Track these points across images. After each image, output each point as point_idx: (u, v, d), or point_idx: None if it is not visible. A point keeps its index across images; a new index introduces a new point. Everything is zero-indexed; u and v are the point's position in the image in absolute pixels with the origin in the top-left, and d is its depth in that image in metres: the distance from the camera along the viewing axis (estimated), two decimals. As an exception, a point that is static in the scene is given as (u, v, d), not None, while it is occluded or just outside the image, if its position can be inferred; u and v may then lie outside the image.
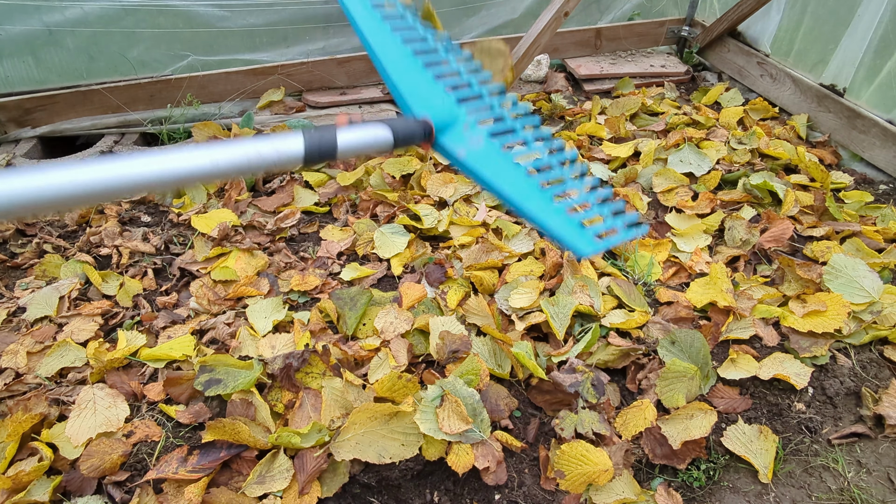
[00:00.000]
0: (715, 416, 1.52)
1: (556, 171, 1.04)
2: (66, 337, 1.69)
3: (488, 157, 1.01)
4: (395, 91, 1.07)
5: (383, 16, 1.18)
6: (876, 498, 1.46)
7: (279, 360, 1.59)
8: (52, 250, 2.04)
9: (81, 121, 2.70)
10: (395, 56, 1.10)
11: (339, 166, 2.52)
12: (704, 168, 2.52)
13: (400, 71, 1.08)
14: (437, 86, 1.08)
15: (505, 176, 0.99)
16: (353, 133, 0.92)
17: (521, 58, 2.78)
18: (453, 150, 1.00)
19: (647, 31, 3.62)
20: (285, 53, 3.04)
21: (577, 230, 0.97)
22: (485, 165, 1.00)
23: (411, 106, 1.03)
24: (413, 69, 1.09)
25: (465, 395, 1.49)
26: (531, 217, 0.98)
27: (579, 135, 2.80)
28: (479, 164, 0.99)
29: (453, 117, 1.03)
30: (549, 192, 1.00)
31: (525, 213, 0.98)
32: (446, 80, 1.10)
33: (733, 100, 3.17)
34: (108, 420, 1.48)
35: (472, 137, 1.02)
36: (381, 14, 1.18)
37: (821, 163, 2.74)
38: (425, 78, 1.09)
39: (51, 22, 2.58)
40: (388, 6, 1.22)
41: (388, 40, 1.13)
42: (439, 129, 1.00)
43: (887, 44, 2.57)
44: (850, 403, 1.68)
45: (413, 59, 1.11)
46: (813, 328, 1.75)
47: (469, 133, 1.02)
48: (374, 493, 1.41)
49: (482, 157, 1.00)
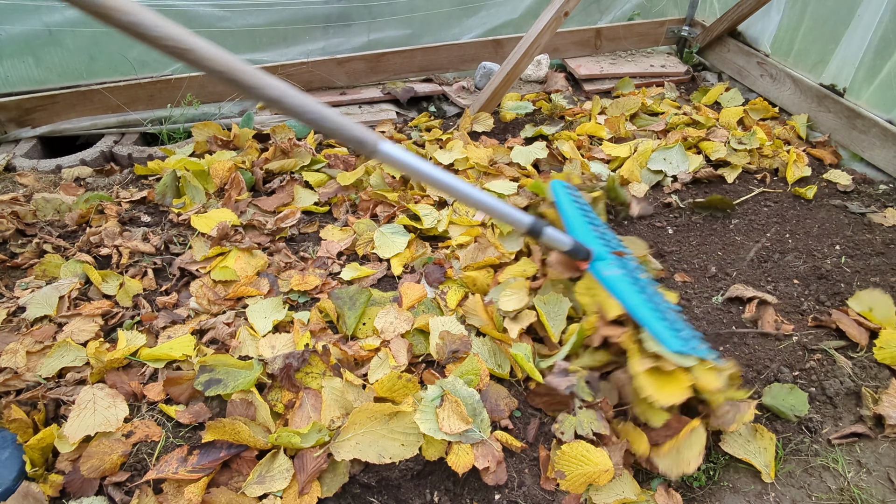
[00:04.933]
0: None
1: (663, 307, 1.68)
2: (66, 337, 1.69)
3: (622, 281, 1.64)
4: (575, 234, 1.80)
5: (576, 200, 1.99)
6: (876, 498, 1.46)
7: (279, 360, 1.59)
8: (52, 250, 2.04)
9: (81, 121, 2.70)
10: (580, 223, 1.85)
11: (340, 166, 2.52)
12: (681, 171, 2.53)
13: (579, 225, 1.84)
14: (597, 239, 1.80)
15: (629, 292, 1.60)
16: (555, 232, 1.62)
17: (521, 58, 2.78)
18: (601, 270, 1.68)
19: (647, 31, 3.62)
20: (285, 53, 3.04)
21: (671, 333, 1.50)
22: (618, 283, 1.63)
23: (587, 243, 1.74)
24: (585, 227, 1.84)
25: (465, 395, 1.49)
26: (640, 317, 1.54)
27: (579, 135, 2.80)
28: (615, 281, 1.64)
29: (603, 256, 1.72)
30: (657, 311, 1.58)
31: (636, 314, 1.55)
32: (604, 240, 1.83)
33: (733, 100, 3.17)
34: (108, 420, 1.48)
35: (612, 269, 1.68)
36: (574, 199, 1.99)
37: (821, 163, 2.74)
38: (591, 234, 1.82)
39: (51, 22, 2.58)
40: (578, 196, 2.04)
41: (575, 214, 1.89)
42: (596, 259, 1.72)
43: (887, 44, 2.57)
44: (850, 403, 1.68)
45: (586, 222, 1.87)
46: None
47: (611, 266, 1.69)
48: (374, 493, 1.41)
49: (618, 280, 1.64)
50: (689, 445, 1.41)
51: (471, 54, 3.28)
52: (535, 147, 2.63)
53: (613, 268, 1.67)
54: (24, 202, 2.20)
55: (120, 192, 2.35)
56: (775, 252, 2.19)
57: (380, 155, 1.29)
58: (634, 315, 1.55)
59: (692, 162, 2.58)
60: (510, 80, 2.85)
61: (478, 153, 2.57)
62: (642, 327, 1.53)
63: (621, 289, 1.61)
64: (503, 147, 2.69)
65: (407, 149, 1.70)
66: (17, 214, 2.13)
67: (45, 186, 2.36)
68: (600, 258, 1.71)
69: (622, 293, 1.60)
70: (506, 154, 2.63)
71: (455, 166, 2.51)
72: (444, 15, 3.26)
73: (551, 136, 2.79)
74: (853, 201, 2.46)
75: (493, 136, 2.87)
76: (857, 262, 2.14)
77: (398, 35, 3.21)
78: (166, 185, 2.31)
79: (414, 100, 3.13)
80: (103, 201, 2.25)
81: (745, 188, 2.53)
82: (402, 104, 3.10)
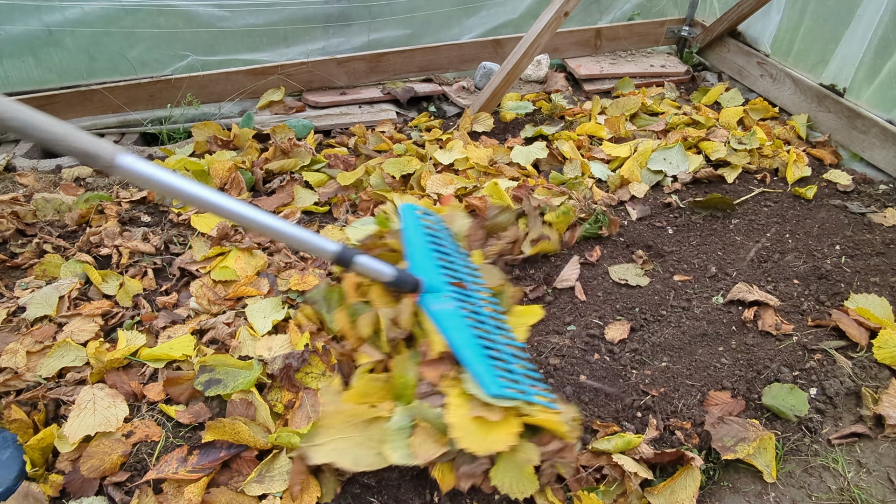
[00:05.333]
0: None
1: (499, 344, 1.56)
2: (66, 337, 1.69)
3: (452, 316, 1.54)
4: (413, 263, 1.66)
5: (425, 227, 1.82)
6: (876, 498, 1.46)
7: (279, 360, 1.59)
8: (52, 250, 2.04)
9: (81, 121, 2.70)
10: (422, 251, 1.70)
11: (340, 166, 2.52)
12: (681, 171, 2.53)
13: (420, 254, 1.69)
14: (438, 269, 1.66)
15: (457, 328, 1.51)
16: (369, 260, 1.46)
17: (521, 58, 2.78)
18: (430, 303, 1.56)
19: (647, 31, 3.62)
20: (285, 53, 3.04)
21: (492, 375, 1.42)
22: (446, 318, 1.53)
23: (417, 272, 1.61)
24: (428, 256, 1.70)
25: (434, 416, 1.39)
26: (462, 356, 1.45)
27: (579, 135, 2.80)
28: (442, 316, 1.54)
29: (438, 288, 1.60)
30: (484, 350, 1.49)
31: (458, 353, 1.46)
32: (447, 269, 1.69)
33: (733, 100, 3.17)
34: (108, 420, 1.48)
35: (445, 302, 1.57)
36: (424, 225, 1.82)
37: (821, 163, 2.74)
38: (433, 263, 1.68)
39: (51, 22, 2.58)
40: (432, 222, 1.87)
41: (420, 241, 1.74)
42: (427, 290, 1.58)
43: (887, 44, 2.57)
44: (850, 403, 1.68)
45: (430, 250, 1.72)
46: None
47: (444, 300, 1.58)
48: (374, 494, 1.41)
49: (447, 315, 1.54)
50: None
51: (471, 54, 3.28)
52: (535, 147, 2.63)
53: (447, 301, 1.57)
54: (24, 202, 2.20)
55: (120, 191, 2.35)
56: (775, 252, 2.19)
57: (119, 170, 1.08)
58: (455, 353, 1.47)
59: (692, 162, 2.58)
60: (510, 80, 2.85)
61: (478, 153, 2.57)
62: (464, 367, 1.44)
63: (447, 325, 1.51)
64: (503, 147, 2.69)
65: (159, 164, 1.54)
66: (17, 214, 2.13)
67: (45, 186, 2.36)
68: (432, 290, 1.58)
69: (447, 329, 1.50)
70: (506, 154, 2.63)
71: (455, 166, 2.52)
72: (444, 15, 3.26)
73: (551, 136, 2.79)
74: (853, 201, 2.46)
75: (493, 136, 2.87)
76: (857, 262, 2.14)
77: (398, 35, 3.21)
78: (166, 185, 2.31)
79: (414, 100, 3.13)
80: (103, 201, 2.25)
81: (745, 188, 2.53)
82: (402, 104, 3.10)
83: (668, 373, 1.70)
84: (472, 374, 1.42)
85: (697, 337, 1.83)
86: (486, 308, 1.67)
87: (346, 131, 2.87)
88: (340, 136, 2.84)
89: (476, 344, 1.50)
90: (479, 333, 1.54)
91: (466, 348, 1.47)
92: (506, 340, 1.60)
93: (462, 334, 1.50)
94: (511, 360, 1.53)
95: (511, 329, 1.68)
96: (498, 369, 1.45)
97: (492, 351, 1.51)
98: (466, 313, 1.58)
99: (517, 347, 1.61)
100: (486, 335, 1.55)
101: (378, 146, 2.68)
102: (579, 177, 2.48)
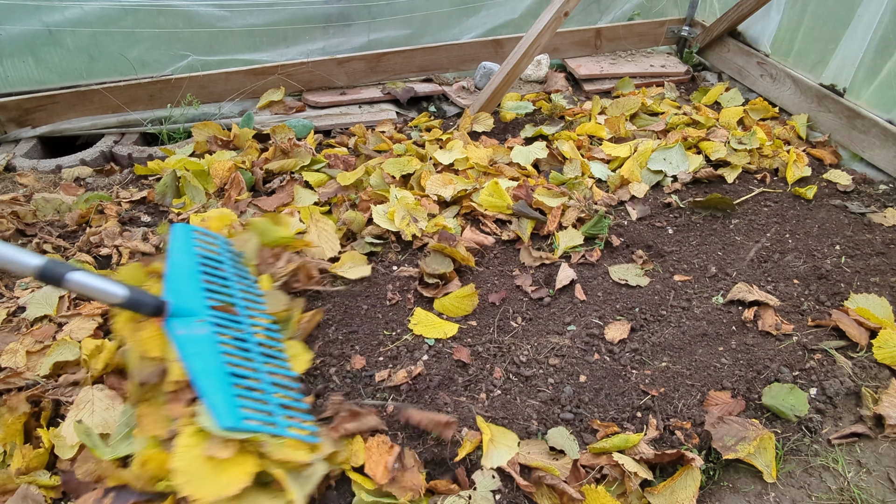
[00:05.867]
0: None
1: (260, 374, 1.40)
2: (65, 336, 1.69)
3: (200, 342, 1.36)
4: (169, 285, 1.46)
5: (199, 248, 1.64)
6: (876, 498, 1.46)
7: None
8: (52, 250, 2.04)
9: (81, 121, 2.70)
10: (185, 273, 1.52)
11: (340, 166, 2.52)
12: (681, 171, 2.52)
13: (181, 276, 1.50)
14: (200, 291, 1.48)
15: (201, 355, 1.33)
16: (88, 277, 1.25)
17: (521, 58, 2.78)
18: (175, 328, 1.36)
19: (647, 31, 3.62)
20: (285, 53, 3.04)
21: (231, 406, 1.24)
22: (191, 344, 1.34)
23: (170, 294, 1.42)
24: (191, 278, 1.51)
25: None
26: (199, 385, 1.26)
27: (579, 135, 2.80)
28: (187, 342, 1.34)
29: (194, 312, 1.41)
30: (231, 379, 1.32)
31: (196, 383, 1.27)
32: (214, 293, 1.51)
33: (733, 100, 3.17)
34: (106, 421, 1.47)
35: (197, 328, 1.39)
36: (197, 246, 1.64)
37: (821, 163, 2.74)
38: (197, 286, 1.50)
39: (51, 22, 2.58)
40: (212, 244, 1.70)
41: (185, 263, 1.56)
42: (175, 314, 1.37)
43: (887, 44, 2.57)
44: (850, 403, 1.67)
45: (196, 273, 1.54)
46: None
47: (196, 324, 1.39)
48: None
49: (195, 340, 1.36)
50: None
51: (471, 54, 3.28)
52: (535, 147, 2.63)
53: (199, 326, 1.40)
54: (24, 202, 2.20)
55: (120, 192, 2.35)
56: (775, 252, 2.19)
57: None
58: (193, 383, 1.29)
59: (692, 162, 2.58)
60: (510, 80, 2.85)
61: (478, 153, 2.57)
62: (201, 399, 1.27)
63: (190, 351, 1.33)
64: (503, 147, 2.69)
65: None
66: (17, 214, 2.13)
67: (45, 186, 2.36)
68: (184, 314, 1.40)
69: (188, 356, 1.32)
70: (506, 154, 2.63)
71: (455, 166, 2.51)
72: (444, 15, 3.26)
73: (551, 136, 2.79)
74: (853, 201, 2.46)
75: (493, 136, 2.87)
76: (857, 262, 2.14)
77: (398, 35, 3.21)
78: (166, 185, 2.31)
79: (414, 100, 3.13)
80: (103, 201, 2.25)
81: (745, 188, 2.53)
82: (402, 104, 3.10)
83: (668, 373, 1.70)
84: (208, 406, 1.24)
85: (697, 337, 1.83)
86: (258, 335, 1.52)
87: (346, 131, 2.87)
88: (340, 136, 2.84)
89: (222, 372, 1.33)
90: (235, 361, 1.38)
91: (206, 377, 1.29)
92: (273, 370, 1.46)
93: (206, 362, 1.33)
94: (269, 390, 1.39)
95: (287, 358, 1.54)
96: (246, 400, 1.30)
97: (246, 380, 1.36)
98: (226, 339, 1.42)
99: (287, 377, 1.47)
100: (245, 363, 1.40)
101: (378, 146, 2.68)
102: (579, 177, 2.48)
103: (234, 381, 1.33)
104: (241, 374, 1.36)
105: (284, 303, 1.70)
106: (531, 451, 1.45)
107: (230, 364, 1.36)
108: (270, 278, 1.76)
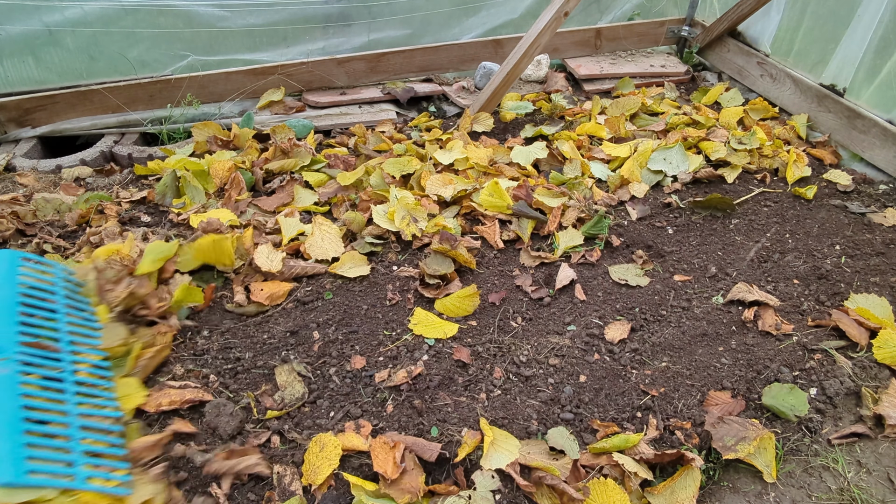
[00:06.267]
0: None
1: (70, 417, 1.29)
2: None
3: None
4: None
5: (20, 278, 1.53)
6: (876, 498, 1.46)
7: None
8: (52, 250, 2.04)
9: (81, 121, 2.70)
10: None
11: (340, 166, 2.52)
12: (681, 171, 2.52)
13: None
14: (10, 326, 1.38)
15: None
16: None
17: (521, 58, 2.78)
18: None
19: (647, 31, 3.62)
20: (285, 53, 3.04)
21: (14, 458, 1.13)
22: None
23: None
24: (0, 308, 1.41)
25: None
26: None
27: (579, 135, 2.80)
28: None
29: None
30: (20, 426, 1.20)
31: None
32: (27, 328, 1.41)
33: (733, 100, 3.17)
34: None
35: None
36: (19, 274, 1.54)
37: (821, 163, 2.74)
38: (6, 317, 1.40)
39: (51, 22, 2.58)
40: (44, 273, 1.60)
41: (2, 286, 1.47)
42: None
43: (887, 44, 2.57)
44: (850, 403, 1.67)
45: (12, 302, 1.44)
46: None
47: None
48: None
49: None
50: None
51: (471, 54, 3.28)
52: (535, 147, 2.63)
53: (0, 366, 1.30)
54: (24, 202, 2.20)
55: (120, 192, 2.35)
56: (775, 252, 2.19)
57: None
58: None
59: (692, 162, 2.58)
60: (510, 80, 2.85)
61: (478, 153, 2.57)
62: None
63: None
64: (503, 147, 2.69)
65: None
66: (17, 214, 2.13)
67: (45, 186, 2.36)
68: None
69: None
70: (506, 154, 2.63)
71: (455, 166, 2.51)
72: (444, 15, 3.26)
73: (551, 136, 2.79)
74: (853, 201, 2.46)
75: (493, 136, 2.87)
76: (857, 262, 2.14)
77: (398, 35, 3.21)
78: (166, 185, 2.31)
79: (414, 100, 3.13)
80: (103, 201, 2.25)
81: (745, 188, 2.53)
82: (402, 104, 3.10)
83: (668, 373, 1.70)
84: None
85: (697, 337, 1.83)
86: (80, 373, 1.42)
87: (346, 131, 2.87)
88: (340, 136, 2.84)
89: (14, 418, 1.21)
90: (36, 405, 1.27)
91: None
92: (91, 411, 1.35)
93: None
94: (76, 436, 1.26)
95: (113, 398, 1.43)
96: (39, 449, 1.20)
97: (46, 426, 1.25)
98: (32, 380, 1.32)
99: (110, 419, 1.36)
100: (52, 406, 1.30)
101: (378, 146, 2.68)
102: (579, 177, 2.48)
103: (27, 428, 1.21)
104: (42, 419, 1.25)
105: (121, 336, 1.57)
106: (531, 451, 1.45)
107: (28, 408, 1.25)
108: (107, 308, 1.63)
